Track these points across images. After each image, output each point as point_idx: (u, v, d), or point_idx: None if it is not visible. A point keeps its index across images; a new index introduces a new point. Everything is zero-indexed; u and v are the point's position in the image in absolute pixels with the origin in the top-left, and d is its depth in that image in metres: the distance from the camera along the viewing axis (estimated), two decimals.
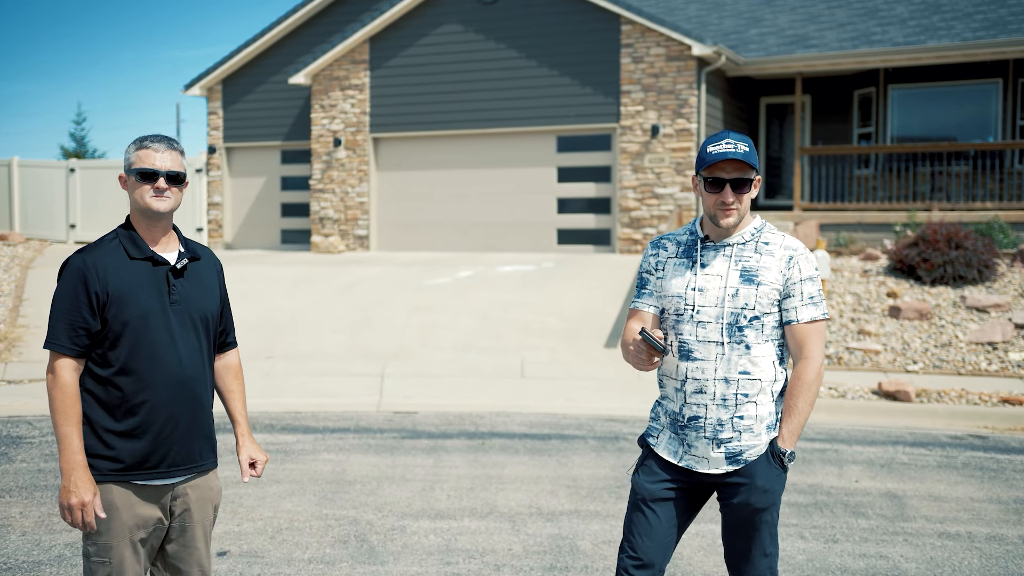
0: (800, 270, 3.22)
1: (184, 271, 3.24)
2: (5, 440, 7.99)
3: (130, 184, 3.18)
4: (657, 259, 3.39)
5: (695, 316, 3.22)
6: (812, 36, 17.55)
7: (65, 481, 3.00)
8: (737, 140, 3.18)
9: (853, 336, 11.44)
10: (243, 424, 3.43)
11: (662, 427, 3.35)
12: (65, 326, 3.06)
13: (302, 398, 9.75)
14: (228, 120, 20.92)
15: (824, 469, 7.30)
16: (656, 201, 16.68)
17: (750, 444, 3.20)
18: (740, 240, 3.26)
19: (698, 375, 3.21)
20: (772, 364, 3.22)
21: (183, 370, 3.16)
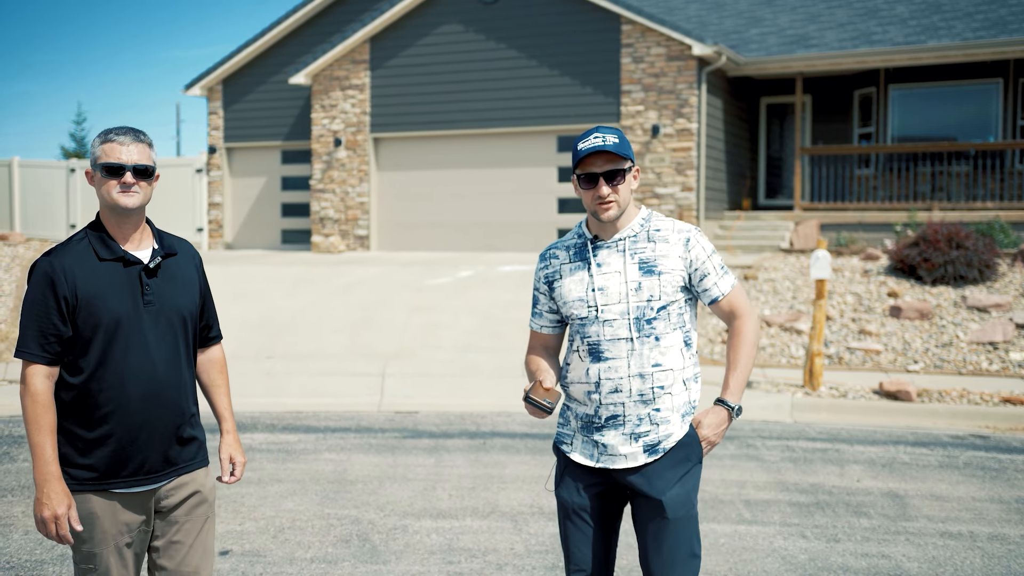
0: (703, 248, 3.19)
1: (158, 270, 3.10)
2: (7, 440, 7.99)
3: (97, 180, 3.03)
4: (548, 271, 3.31)
5: (600, 316, 3.15)
6: (812, 36, 17.55)
7: (39, 493, 2.90)
8: (606, 133, 3.13)
9: (854, 336, 11.44)
10: (228, 420, 3.33)
11: (574, 432, 3.27)
12: (35, 333, 2.94)
13: (303, 398, 9.75)
14: (229, 120, 20.92)
15: (825, 468, 7.30)
16: (657, 201, 16.68)
17: (667, 433, 3.15)
18: (631, 233, 3.20)
19: (612, 375, 3.14)
20: (680, 352, 3.17)
21: (157, 375, 3.04)
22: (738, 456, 7.65)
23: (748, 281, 13.44)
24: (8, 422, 8.67)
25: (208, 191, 20.98)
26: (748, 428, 8.75)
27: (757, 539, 5.68)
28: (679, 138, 16.52)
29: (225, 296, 13.18)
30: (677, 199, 16.51)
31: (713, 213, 17.22)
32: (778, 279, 13.43)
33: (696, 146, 16.48)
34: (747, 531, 5.82)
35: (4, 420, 8.77)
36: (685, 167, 16.50)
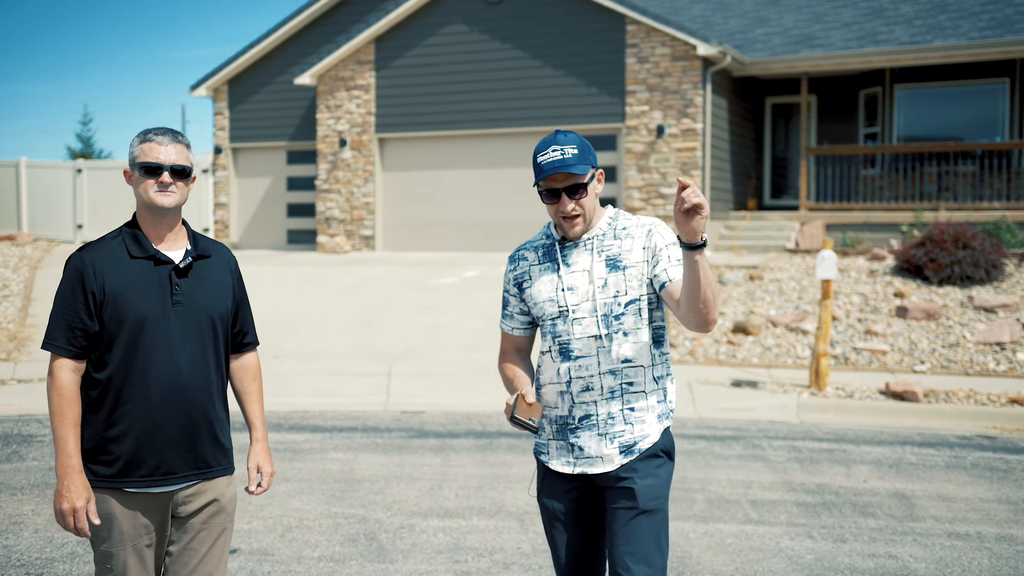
0: (662, 237, 3.12)
1: (189, 270, 3.08)
2: (16, 438, 8.02)
3: (134, 179, 3.05)
4: (516, 272, 3.28)
5: (569, 315, 3.13)
6: (818, 36, 17.55)
7: (59, 485, 2.92)
8: (564, 144, 3.05)
9: (860, 336, 11.44)
10: (259, 428, 3.30)
11: (548, 438, 3.24)
12: (63, 326, 2.97)
13: (310, 397, 9.77)
14: (234, 121, 20.96)
15: (832, 469, 7.30)
16: (662, 201, 16.68)
17: (643, 434, 3.12)
18: (599, 232, 3.17)
19: (583, 373, 3.11)
20: (649, 349, 3.13)
21: (181, 375, 3.01)
22: (744, 456, 7.65)
23: (753, 281, 13.44)
24: (18, 421, 8.70)
25: (214, 191, 21.02)
26: (754, 428, 8.75)
27: (764, 539, 5.68)
28: (684, 138, 16.52)
29: None
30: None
31: (718, 213, 17.22)
32: (784, 279, 13.43)
33: (701, 146, 16.48)
34: (753, 531, 5.83)
35: (13, 419, 8.80)
36: (690, 167, 16.49)
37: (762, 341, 11.59)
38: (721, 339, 11.76)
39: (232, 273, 3.24)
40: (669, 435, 3.18)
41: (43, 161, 21.58)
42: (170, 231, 3.09)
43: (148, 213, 3.06)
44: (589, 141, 3.33)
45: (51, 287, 13.97)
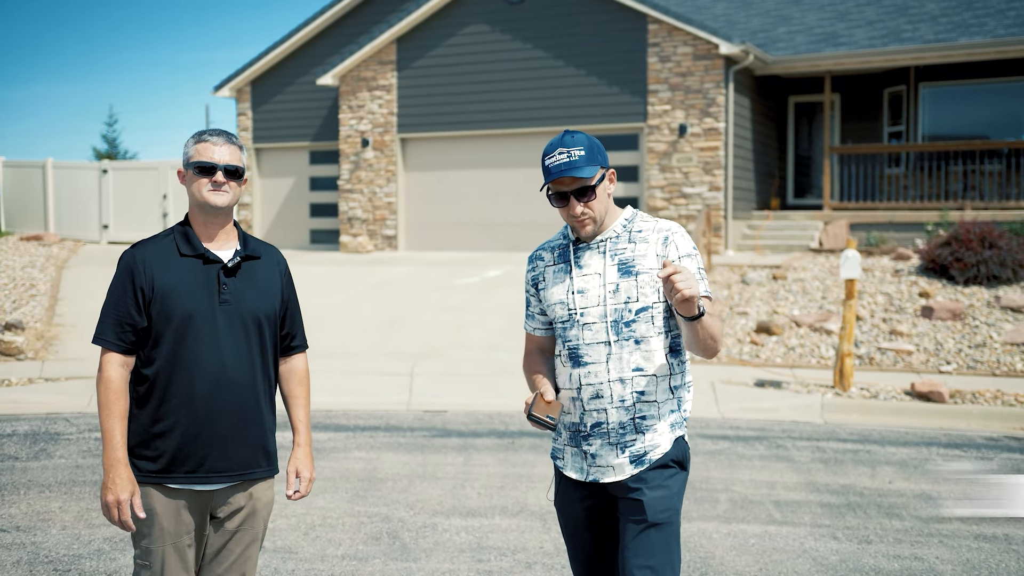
0: (677, 247, 3.05)
1: (237, 270, 3.11)
2: (44, 437, 8.10)
3: (188, 178, 3.10)
4: (535, 273, 3.24)
5: (579, 320, 3.07)
6: (841, 34, 17.44)
7: (105, 478, 2.95)
8: (571, 146, 3.00)
9: (885, 336, 11.36)
10: (302, 433, 3.29)
11: (564, 444, 3.20)
12: (112, 321, 3.01)
13: (333, 397, 9.80)
14: (257, 121, 21.07)
15: (857, 470, 7.26)
16: (684, 201, 16.63)
17: (653, 444, 3.05)
18: (613, 234, 3.10)
19: (592, 380, 3.05)
20: (665, 357, 3.06)
21: (226, 373, 3.03)
22: (768, 457, 7.62)
23: (777, 281, 13.38)
24: (45, 419, 8.78)
25: None
26: (778, 429, 8.72)
27: (787, 540, 5.66)
28: (706, 137, 16.47)
29: None
30: (705, 199, 16.46)
31: (741, 213, 17.15)
32: (807, 279, 13.36)
33: (724, 145, 16.42)
34: (777, 532, 5.80)
35: (40, 417, 8.89)
36: (713, 167, 16.44)
37: (786, 341, 11.54)
38: (744, 339, 11.71)
39: (282, 276, 3.26)
40: (683, 444, 3.11)
41: (69, 162, 21.76)
42: (221, 231, 3.14)
43: (201, 212, 3.11)
44: (611, 141, 3.28)
45: (77, 287, 14.09)
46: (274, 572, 5.08)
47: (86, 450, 7.65)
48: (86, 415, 9.03)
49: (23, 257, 15.71)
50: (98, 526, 5.77)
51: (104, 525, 5.76)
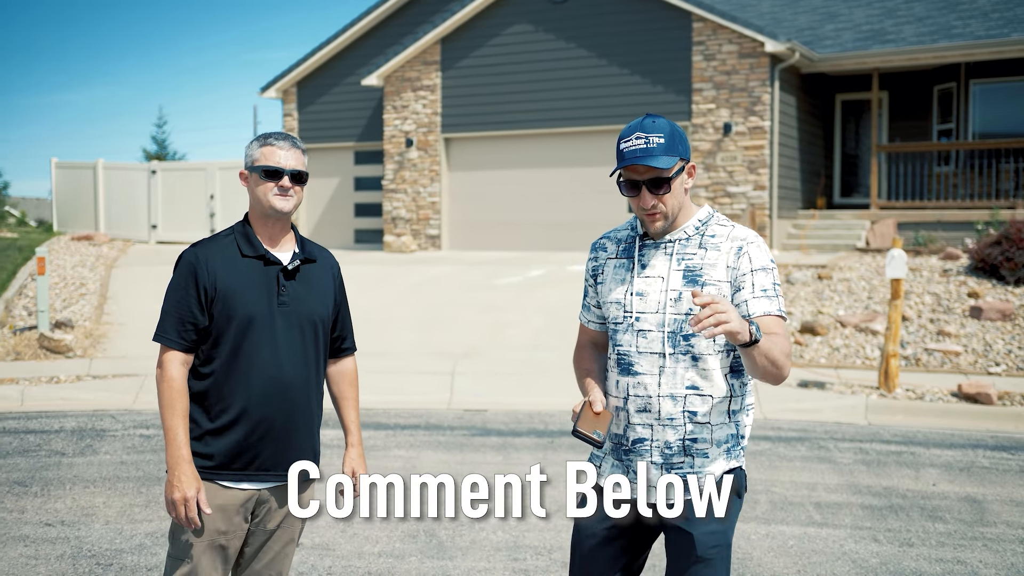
0: (750, 259, 2.76)
1: (296, 272, 3.14)
2: (90, 433, 8.25)
3: (252, 181, 3.11)
4: (596, 263, 2.99)
5: (635, 324, 2.81)
6: (889, 31, 17.19)
7: (170, 475, 2.96)
8: (651, 132, 2.74)
9: (932, 337, 11.18)
10: (354, 433, 3.32)
11: (604, 453, 2.94)
12: (174, 319, 3.03)
13: (374, 395, 9.85)
14: (303, 122, 21.27)
15: (900, 471, 7.15)
16: (728, 200, 16.50)
17: (704, 470, 2.80)
18: (683, 235, 2.83)
19: (640, 392, 2.79)
20: (725, 378, 2.80)
21: (282, 374, 3.06)
22: (809, 458, 7.54)
23: (822, 281, 13.23)
24: (92, 416, 8.94)
25: None
26: (820, 430, 8.62)
27: (827, 542, 5.59)
28: (751, 136, 16.32)
29: None
30: (749, 198, 16.32)
31: (786, 212, 16.98)
32: (853, 279, 13.19)
33: (769, 144, 16.26)
34: (817, 533, 5.74)
35: (88, 414, 9.05)
36: (758, 165, 16.29)
37: (830, 341, 11.40)
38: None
39: (335, 279, 3.29)
40: (740, 473, 2.86)
41: (119, 163, 22.14)
42: (282, 234, 3.16)
43: (263, 215, 3.12)
44: None
45: (126, 286, 14.33)
46: (311, 568, 5.12)
47: (131, 447, 7.78)
48: (132, 412, 9.18)
49: (74, 257, 16.01)
50: (140, 521, 5.86)
51: (146, 521, 5.85)
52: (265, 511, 3.13)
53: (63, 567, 5.10)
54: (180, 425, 2.98)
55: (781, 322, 2.74)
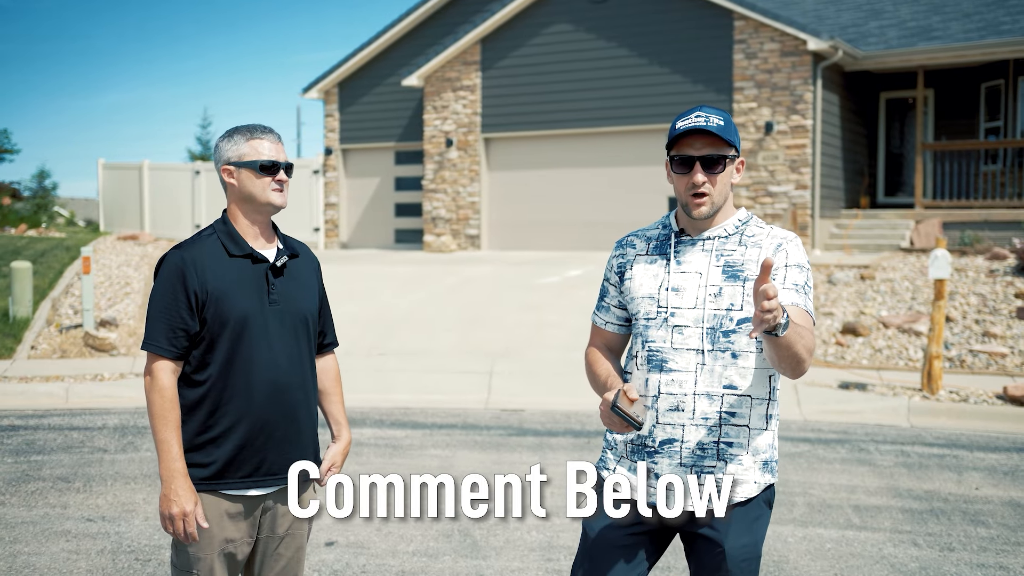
0: (788, 255, 2.72)
1: (284, 269, 3.03)
2: (132, 430, 8.36)
3: (243, 177, 2.96)
4: (622, 260, 2.89)
5: (670, 320, 2.72)
6: (936, 28, 16.93)
7: (165, 489, 2.84)
8: (711, 113, 2.72)
9: (977, 338, 11.00)
10: (344, 427, 3.23)
11: (618, 457, 2.84)
12: (163, 326, 2.88)
13: (412, 394, 9.90)
14: (344, 122, 21.41)
15: (942, 475, 7.04)
16: (770, 199, 16.35)
17: (737, 478, 2.70)
18: (722, 233, 2.77)
19: (674, 389, 2.70)
20: (767, 379, 2.73)
21: (280, 376, 2.96)
22: (849, 460, 7.44)
23: (864, 281, 13.06)
24: (134, 413, 9.07)
25: (324, 192, 21.51)
26: (861, 432, 8.51)
27: (865, 545, 5.52)
28: (793, 135, 16.16)
29: (339, 294, 13.49)
30: (791, 197, 16.16)
31: (829, 212, 16.79)
32: (896, 279, 13.01)
33: (811, 143, 16.09)
34: (855, 537, 5.66)
35: (130, 411, 9.18)
36: (800, 165, 16.13)
37: (872, 342, 11.25)
38: (829, 340, 11.46)
39: (316, 272, 3.20)
40: (772, 490, 2.81)
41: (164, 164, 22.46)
42: (265, 229, 3.04)
43: (252, 212, 3.00)
44: None
45: None
46: (346, 567, 5.15)
47: None
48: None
49: (119, 256, 16.25)
50: None
51: None
52: (272, 516, 3.04)
53: (103, 562, 5.18)
54: (173, 437, 2.85)
55: (808, 318, 2.68)
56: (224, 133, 3.05)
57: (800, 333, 2.53)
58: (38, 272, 14.11)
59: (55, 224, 24.39)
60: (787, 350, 2.50)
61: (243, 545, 2.99)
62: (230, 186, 3.00)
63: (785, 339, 2.46)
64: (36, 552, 5.31)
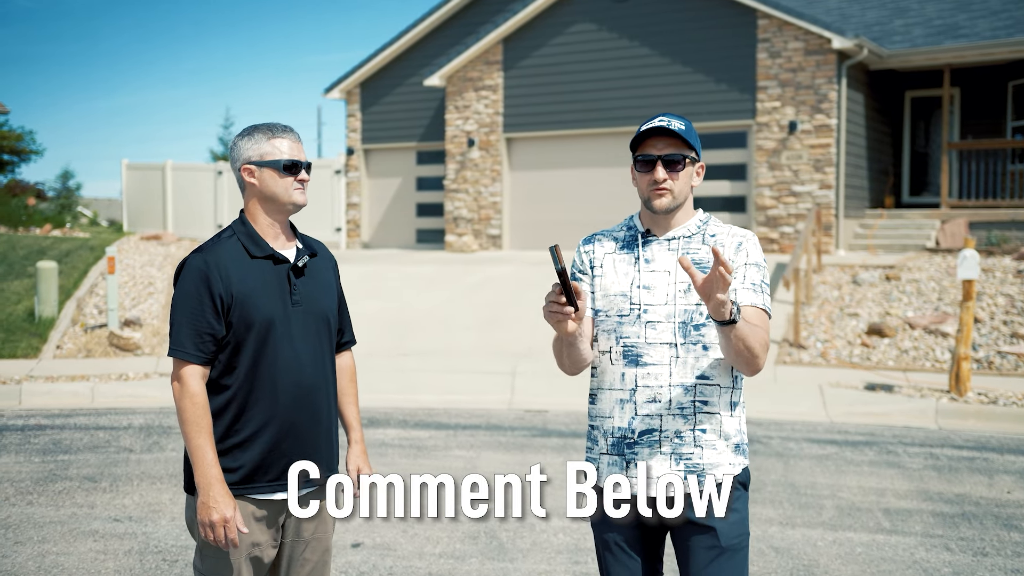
0: (747, 254, 2.85)
1: (305, 269, 3.00)
2: (157, 430, 8.39)
3: (264, 176, 2.93)
4: (591, 256, 2.97)
5: (643, 316, 2.83)
6: (962, 25, 16.77)
7: (203, 497, 2.79)
8: (672, 118, 2.86)
9: (1005, 339, 10.88)
10: (356, 430, 3.20)
11: (600, 454, 2.91)
12: (190, 331, 2.84)
13: (435, 395, 9.89)
14: (366, 122, 21.43)
15: (973, 478, 6.95)
16: (793, 199, 16.25)
17: (712, 463, 2.81)
18: (685, 233, 2.90)
19: (651, 382, 2.81)
20: (730, 368, 2.85)
21: (305, 378, 2.94)
22: (877, 463, 7.37)
23: (890, 282, 12.95)
24: (159, 413, 9.10)
25: (346, 192, 21.54)
26: (888, 434, 8.43)
27: (896, 549, 5.45)
28: (817, 134, 16.05)
29: (361, 294, 13.51)
30: (815, 197, 16.04)
31: (853, 212, 16.67)
32: (922, 279, 12.90)
33: (835, 142, 15.98)
34: (886, 541, 5.60)
35: (155, 411, 9.21)
36: (824, 164, 16.01)
37: (898, 343, 11.15)
38: (855, 341, 11.37)
39: (334, 271, 3.18)
40: (747, 472, 2.91)
41: (187, 164, 22.55)
42: (285, 230, 3.02)
43: (273, 211, 2.97)
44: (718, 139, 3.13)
45: None
46: (372, 568, 5.14)
47: None
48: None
49: (142, 256, 16.33)
50: None
51: None
52: (296, 520, 3.01)
53: (130, 562, 5.18)
54: (208, 444, 2.81)
55: (764, 317, 2.82)
56: (243, 131, 3.00)
57: (753, 330, 2.69)
58: (63, 272, 14.20)
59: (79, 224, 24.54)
60: (740, 342, 2.65)
61: (268, 549, 2.97)
62: (250, 185, 2.96)
63: (737, 332, 2.61)
64: (64, 552, 5.33)
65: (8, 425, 8.64)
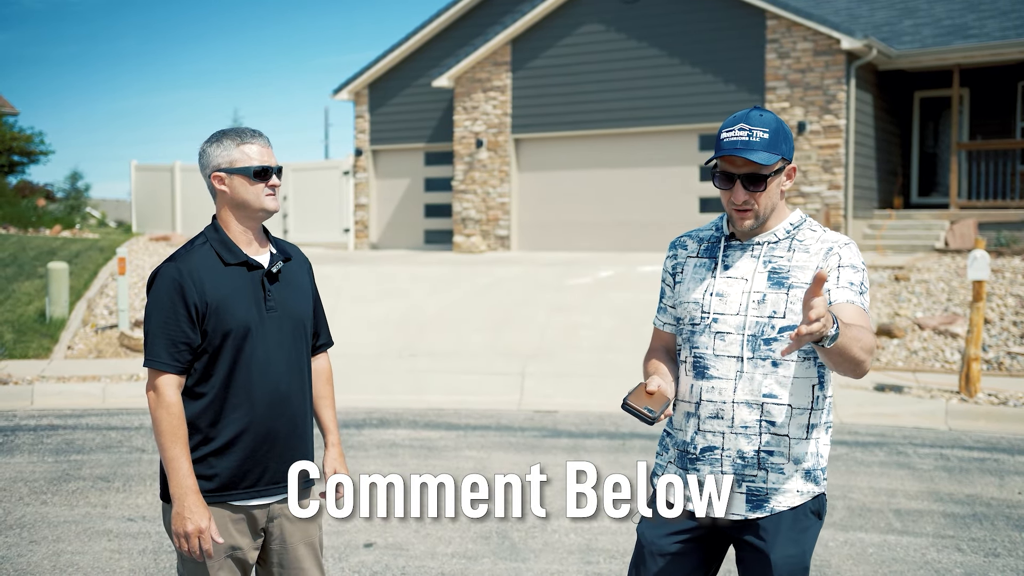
0: (840, 258, 2.65)
1: (279, 274, 2.99)
2: None
3: (235, 184, 2.91)
4: (675, 261, 2.87)
5: (712, 326, 2.70)
6: (972, 26, 16.75)
7: (178, 507, 2.79)
8: (755, 125, 2.61)
9: (1015, 340, 10.86)
10: (333, 432, 3.17)
11: (667, 462, 2.85)
12: (165, 341, 2.83)
13: (445, 395, 9.91)
14: (374, 123, 21.47)
15: (984, 479, 6.95)
16: (802, 200, 16.24)
17: (776, 487, 2.67)
18: (773, 238, 2.72)
19: (714, 396, 2.68)
20: (810, 388, 2.67)
21: (281, 384, 2.93)
22: (888, 464, 7.37)
23: (899, 282, 12.94)
24: None
25: (354, 193, 21.58)
26: (899, 435, 8.42)
27: (908, 550, 5.46)
28: (826, 135, 16.04)
29: (370, 295, 13.54)
30: (824, 197, 16.04)
31: (862, 212, 16.65)
32: (932, 280, 12.88)
33: (844, 143, 15.97)
34: (897, 541, 5.60)
35: None
36: (832, 165, 16.00)
37: (908, 344, 11.15)
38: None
39: (308, 273, 3.17)
40: (821, 500, 2.75)
41: (195, 164, 22.59)
42: (258, 236, 3.00)
43: (245, 218, 2.95)
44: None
45: None
46: (385, 568, 5.16)
47: None
48: None
49: (151, 257, 16.38)
50: None
51: None
52: (280, 525, 3.01)
53: (145, 561, 5.21)
54: (183, 454, 2.80)
55: (864, 314, 2.59)
56: (211, 137, 2.98)
57: (856, 336, 2.44)
58: (73, 273, 14.25)
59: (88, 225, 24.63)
60: (840, 356, 2.43)
61: (250, 551, 2.97)
62: (220, 192, 2.94)
63: (836, 348, 2.38)
64: (79, 551, 5.36)
65: (21, 425, 8.69)
